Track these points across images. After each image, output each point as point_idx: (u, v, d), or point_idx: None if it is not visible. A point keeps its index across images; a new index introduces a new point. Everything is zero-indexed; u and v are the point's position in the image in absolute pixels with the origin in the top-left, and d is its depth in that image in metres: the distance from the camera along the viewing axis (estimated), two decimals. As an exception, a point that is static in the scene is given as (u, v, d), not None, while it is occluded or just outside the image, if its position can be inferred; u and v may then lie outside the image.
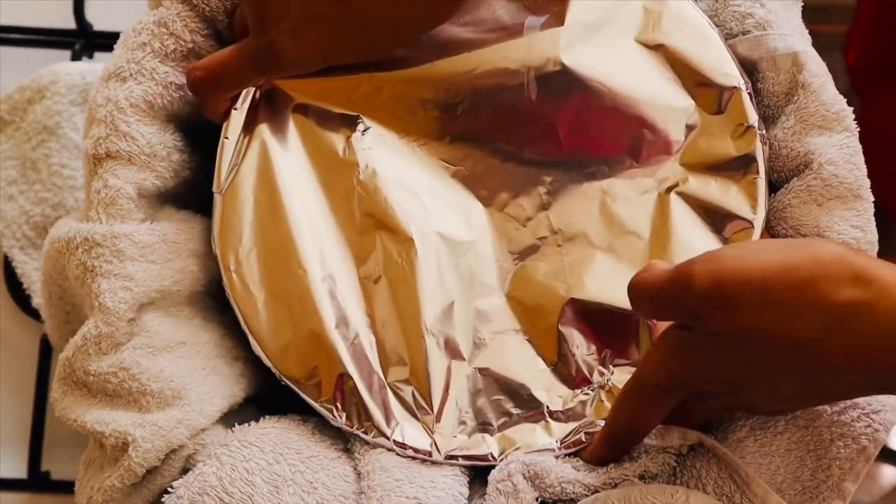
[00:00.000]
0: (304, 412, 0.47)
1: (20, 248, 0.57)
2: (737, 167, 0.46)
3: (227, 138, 0.46)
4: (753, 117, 0.46)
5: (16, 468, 0.56)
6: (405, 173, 0.47)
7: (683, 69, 0.46)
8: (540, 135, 0.47)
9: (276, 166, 0.46)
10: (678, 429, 0.42)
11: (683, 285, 0.37)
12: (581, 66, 0.47)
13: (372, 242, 0.46)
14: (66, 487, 0.56)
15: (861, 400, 0.42)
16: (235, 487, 0.41)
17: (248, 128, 0.47)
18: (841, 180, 0.45)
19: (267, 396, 0.49)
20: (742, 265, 0.36)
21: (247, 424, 0.45)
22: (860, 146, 0.46)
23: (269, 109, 0.47)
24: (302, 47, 0.44)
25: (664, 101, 0.47)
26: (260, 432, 0.44)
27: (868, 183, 0.45)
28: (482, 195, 0.47)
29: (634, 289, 0.40)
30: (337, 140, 0.47)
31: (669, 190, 0.46)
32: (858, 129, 0.46)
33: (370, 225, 0.46)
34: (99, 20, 0.61)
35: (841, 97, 0.46)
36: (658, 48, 0.47)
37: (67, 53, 0.61)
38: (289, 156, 0.47)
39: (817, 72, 0.46)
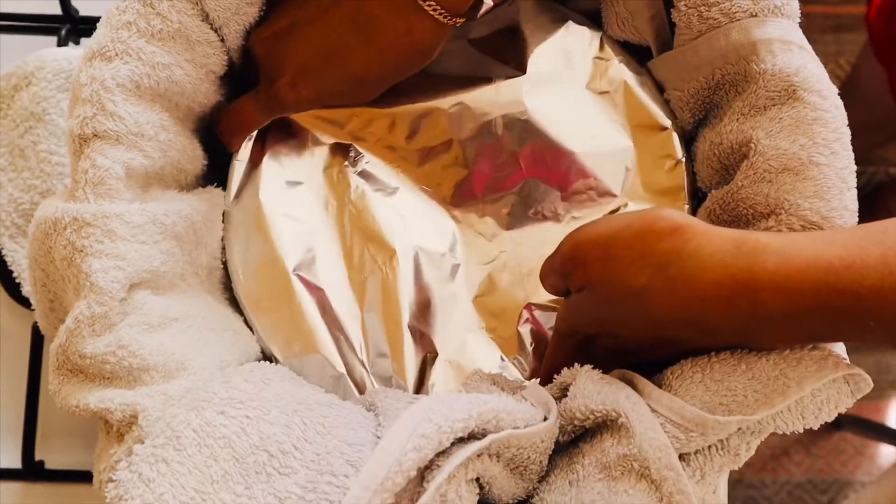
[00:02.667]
0: None
1: (10, 236, 0.56)
2: (669, 195, 0.53)
3: (238, 161, 0.52)
4: (681, 153, 0.53)
5: (10, 458, 0.56)
6: (390, 195, 0.53)
7: (625, 113, 0.53)
8: (505, 165, 0.53)
9: (279, 186, 0.52)
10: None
11: (557, 254, 0.46)
12: (540, 108, 0.53)
13: (361, 253, 0.52)
14: (61, 476, 0.56)
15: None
16: (269, 393, 0.42)
17: (257, 152, 0.53)
18: (782, 151, 0.44)
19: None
20: (593, 230, 0.44)
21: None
22: (819, 112, 0.44)
23: (276, 138, 0.53)
24: (299, 96, 0.50)
25: (609, 140, 0.53)
26: (275, 372, 0.47)
27: (829, 149, 0.43)
28: (455, 214, 0.53)
29: (539, 274, 0.49)
30: (332, 165, 0.53)
31: (613, 213, 0.53)
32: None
33: (359, 238, 0.52)
34: (84, 5, 0.61)
35: (796, 69, 0.45)
36: (605, 94, 0.53)
37: (53, 39, 0.60)
38: (290, 177, 0.52)
39: (764, 57, 0.45)
